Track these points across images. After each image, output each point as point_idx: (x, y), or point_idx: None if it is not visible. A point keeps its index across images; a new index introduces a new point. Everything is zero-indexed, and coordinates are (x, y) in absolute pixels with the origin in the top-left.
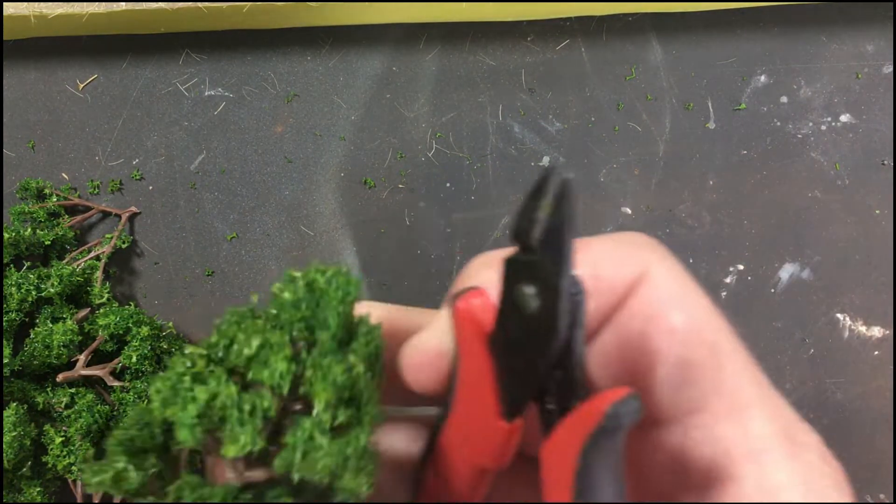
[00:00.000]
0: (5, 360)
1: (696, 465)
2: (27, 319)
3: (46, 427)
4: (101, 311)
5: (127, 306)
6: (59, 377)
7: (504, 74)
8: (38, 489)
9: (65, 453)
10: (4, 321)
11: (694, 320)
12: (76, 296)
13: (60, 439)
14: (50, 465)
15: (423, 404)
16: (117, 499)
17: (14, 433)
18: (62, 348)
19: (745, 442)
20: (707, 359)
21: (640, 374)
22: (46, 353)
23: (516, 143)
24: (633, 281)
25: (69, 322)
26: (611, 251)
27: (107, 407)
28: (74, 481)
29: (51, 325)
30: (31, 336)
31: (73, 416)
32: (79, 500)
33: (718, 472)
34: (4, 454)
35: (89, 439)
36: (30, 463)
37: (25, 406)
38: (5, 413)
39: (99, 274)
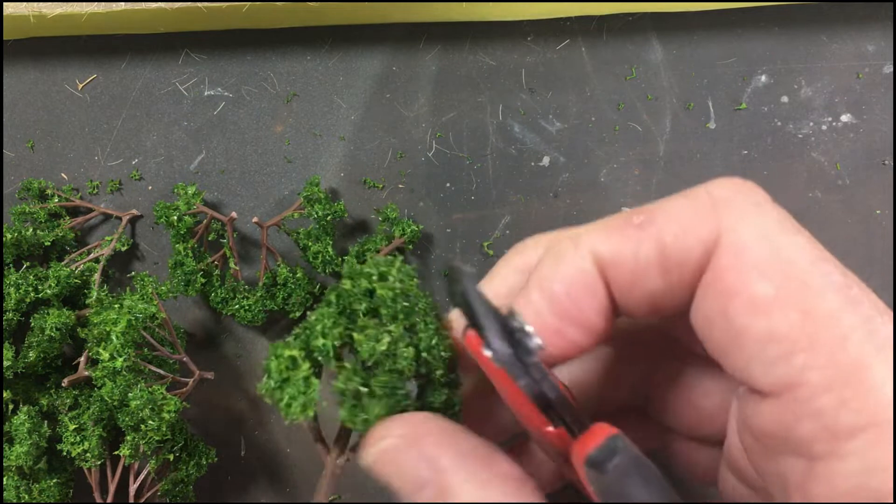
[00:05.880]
0: (8, 363)
1: (799, 436)
2: (23, 319)
3: (61, 417)
4: (94, 309)
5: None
6: (65, 382)
7: (504, 74)
8: (55, 481)
9: (79, 440)
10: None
11: (780, 287)
12: (74, 298)
13: (74, 426)
14: (65, 453)
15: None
16: (140, 498)
17: (30, 441)
18: (55, 331)
19: (846, 417)
20: (799, 329)
21: (730, 353)
22: (40, 336)
23: (516, 143)
24: (705, 251)
25: (65, 310)
26: (678, 217)
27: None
28: (90, 469)
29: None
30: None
31: (83, 404)
32: (94, 489)
33: (821, 447)
34: (23, 462)
35: (101, 425)
36: (45, 458)
37: (36, 408)
38: (17, 420)
39: (97, 276)
